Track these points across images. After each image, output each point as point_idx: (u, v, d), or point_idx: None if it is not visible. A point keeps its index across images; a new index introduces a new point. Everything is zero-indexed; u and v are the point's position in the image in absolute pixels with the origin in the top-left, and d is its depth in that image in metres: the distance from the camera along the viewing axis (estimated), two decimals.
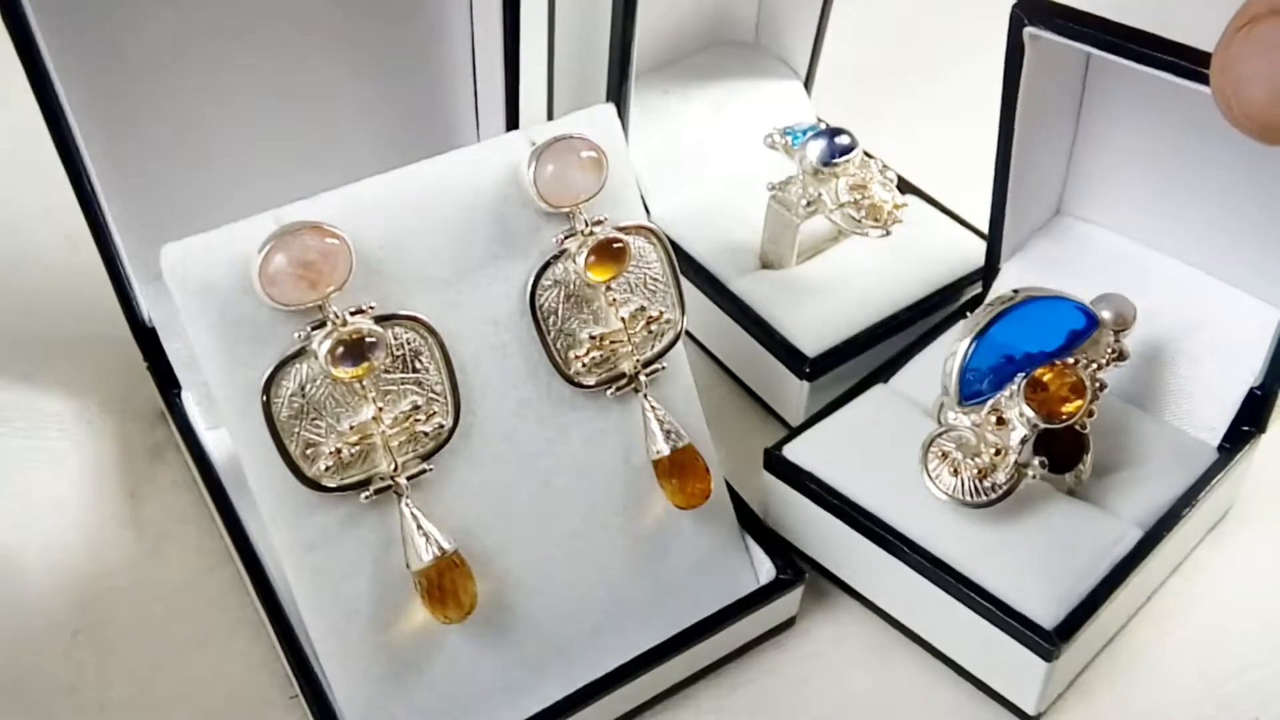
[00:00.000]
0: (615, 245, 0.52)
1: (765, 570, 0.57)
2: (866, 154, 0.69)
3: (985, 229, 0.74)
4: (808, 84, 0.83)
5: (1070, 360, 0.56)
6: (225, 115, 0.64)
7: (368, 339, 0.47)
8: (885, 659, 0.59)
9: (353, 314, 0.48)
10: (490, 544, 0.52)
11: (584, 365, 0.53)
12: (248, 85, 0.64)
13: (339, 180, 0.51)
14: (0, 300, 0.76)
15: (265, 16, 0.62)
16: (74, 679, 0.57)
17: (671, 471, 0.54)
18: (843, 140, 0.67)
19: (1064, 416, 0.55)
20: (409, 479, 0.50)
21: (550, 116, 0.81)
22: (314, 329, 0.47)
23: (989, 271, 0.69)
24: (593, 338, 0.53)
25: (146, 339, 0.65)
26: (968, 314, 0.67)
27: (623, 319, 0.53)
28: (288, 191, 0.52)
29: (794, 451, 0.60)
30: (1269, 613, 0.60)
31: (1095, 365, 0.57)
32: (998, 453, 0.55)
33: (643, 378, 0.54)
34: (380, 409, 0.49)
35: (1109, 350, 0.57)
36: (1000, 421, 0.56)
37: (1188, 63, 0.53)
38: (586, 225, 0.52)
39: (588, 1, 0.72)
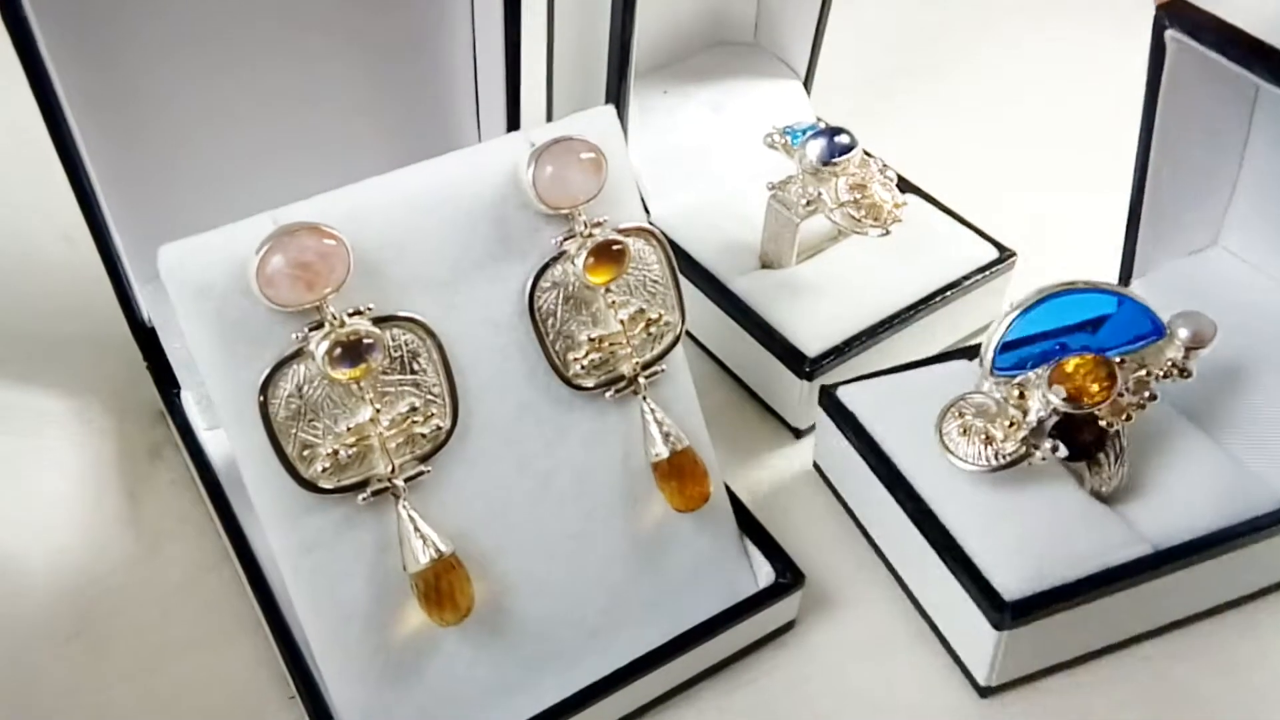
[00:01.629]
0: (615, 247, 0.52)
1: (765, 574, 0.57)
2: (866, 153, 0.69)
3: (984, 228, 0.74)
4: (807, 84, 0.83)
5: (1117, 358, 0.55)
6: (225, 115, 0.64)
7: (365, 340, 0.47)
8: (886, 659, 0.58)
9: (350, 315, 0.48)
10: (488, 546, 0.52)
11: (583, 367, 0.53)
12: (248, 85, 0.64)
13: (338, 180, 0.51)
14: (0, 300, 0.76)
15: (265, 17, 0.62)
16: (73, 680, 0.57)
17: (670, 474, 0.54)
18: (842, 139, 0.67)
19: (1085, 402, 0.53)
20: (406, 481, 0.49)
21: (549, 117, 0.80)
22: (311, 330, 0.47)
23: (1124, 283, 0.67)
24: (592, 340, 0.53)
25: (146, 339, 0.65)
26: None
27: (622, 321, 0.53)
28: (287, 192, 0.52)
29: (848, 395, 0.63)
30: None
31: (1145, 370, 0.55)
32: (1012, 424, 0.55)
33: (642, 380, 0.54)
34: (378, 410, 0.49)
35: (1169, 363, 0.55)
36: (1023, 396, 0.55)
37: None
38: (586, 227, 0.52)
39: (587, 1, 0.72)
